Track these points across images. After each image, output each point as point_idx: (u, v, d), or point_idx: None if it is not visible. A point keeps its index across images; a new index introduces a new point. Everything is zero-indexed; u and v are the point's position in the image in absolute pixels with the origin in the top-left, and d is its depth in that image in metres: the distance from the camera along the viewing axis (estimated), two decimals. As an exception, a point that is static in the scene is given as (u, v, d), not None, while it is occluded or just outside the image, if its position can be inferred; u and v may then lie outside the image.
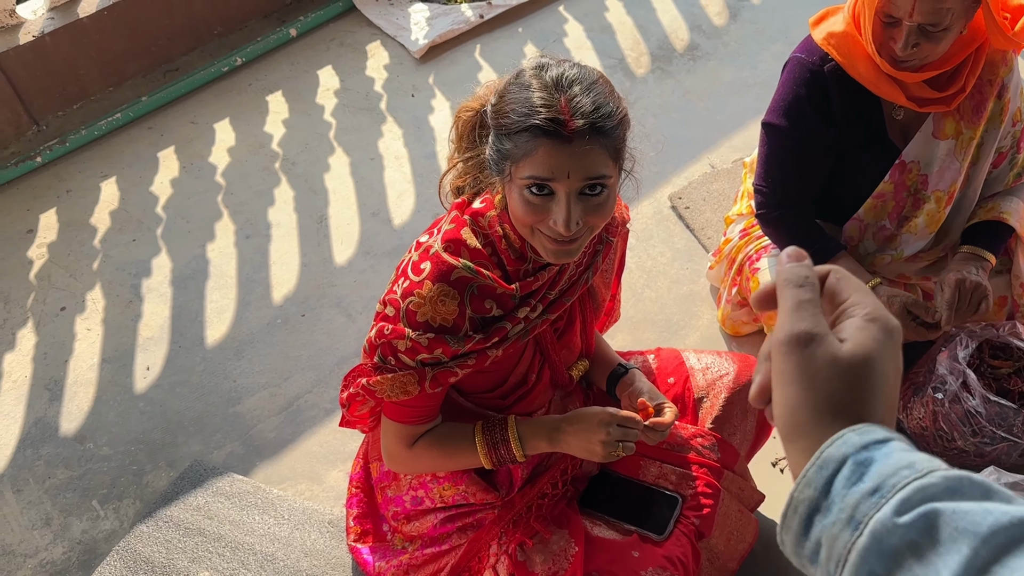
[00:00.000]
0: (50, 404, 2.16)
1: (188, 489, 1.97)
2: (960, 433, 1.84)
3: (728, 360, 1.74)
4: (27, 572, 1.87)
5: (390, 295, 1.37)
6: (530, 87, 1.21)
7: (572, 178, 1.20)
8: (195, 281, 2.42)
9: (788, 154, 1.86)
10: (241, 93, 2.95)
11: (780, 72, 1.91)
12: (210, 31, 3.08)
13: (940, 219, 1.87)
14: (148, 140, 2.80)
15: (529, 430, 1.45)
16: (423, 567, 1.64)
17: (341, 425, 1.65)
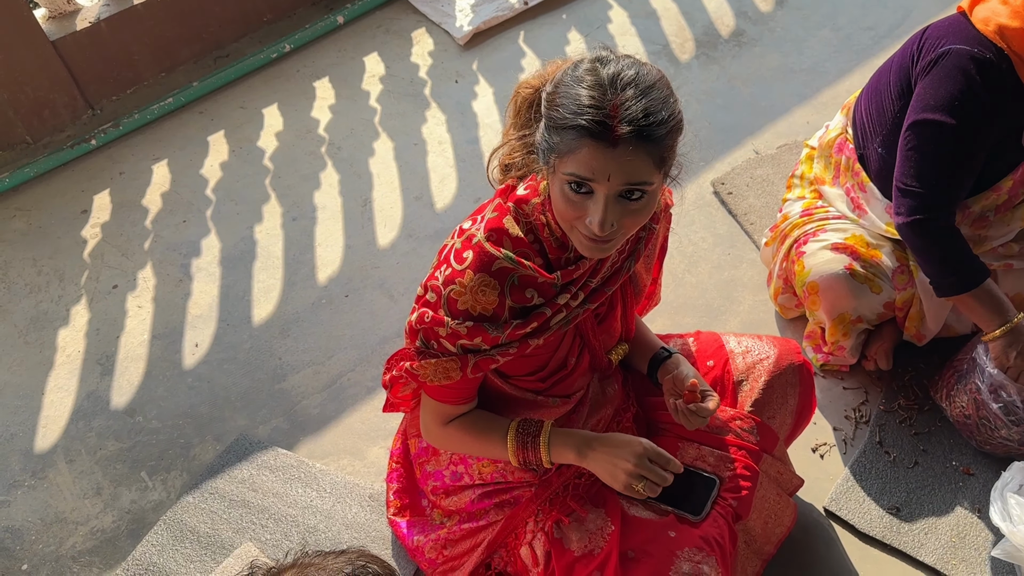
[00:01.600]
0: (102, 378, 2.20)
1: (234, 462, 2.00)
2: (1003, 423, 1.81)
3: (768, 344, 1.72)
4: (78, 539, 1.92)
5: (432, 280, 1.37)
6: (583, 83, 1.18)
7: (612, 181, 1.18)
8: (243, 261, 2.44)
9: (951, 154, 1.71)
10: (289, 79, 2.97)
11: (909, 57, 1.79)
12: (260, 18, 3.11)
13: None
14: (199, 124, 2.84)
15: (560, 439, 1.44)
16: (460, 542, 1.65)
17: (385, 410, 1.67)
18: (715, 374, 1.69)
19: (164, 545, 1.85)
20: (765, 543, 1.72)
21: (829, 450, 2.00)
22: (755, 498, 1.62)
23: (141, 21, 2.83)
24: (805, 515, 1.88)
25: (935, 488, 1.92)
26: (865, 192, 1.96)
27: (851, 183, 2.00)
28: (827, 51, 2.97)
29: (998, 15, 1.65)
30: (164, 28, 2.89)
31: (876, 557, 1.83)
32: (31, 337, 2.29)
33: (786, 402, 1.70)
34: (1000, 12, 1.65)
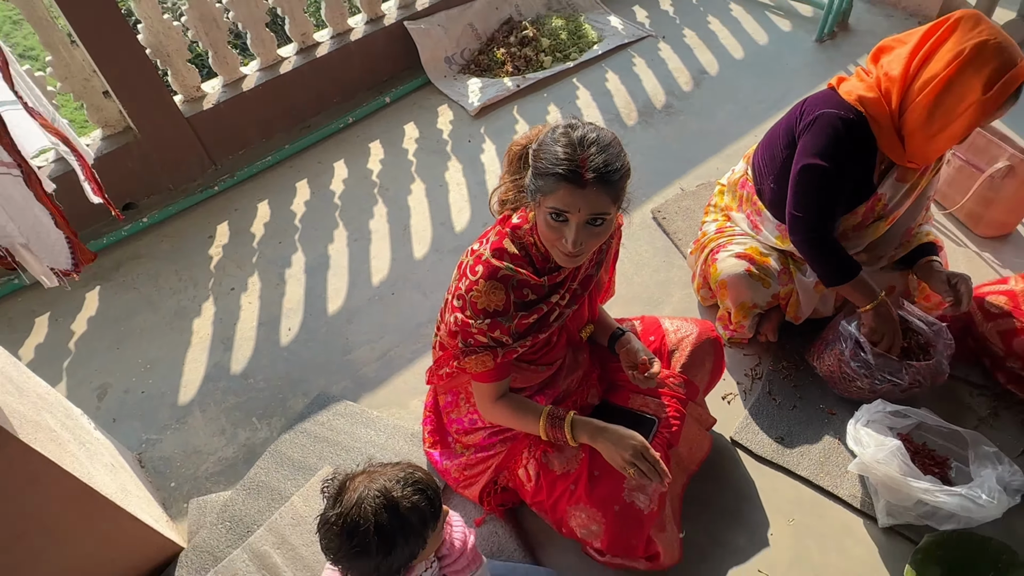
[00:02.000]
0: (224, 353, 2.22)
1: (316, 411, 2.01)
2: (857, 376, 1.83)
3: (692, 324, 1.74)
4: (209, 465, 1.94)
5: (458, 291, 1.38)
6: (559, 143, 1.21)
7: (582, 212, 1.21)
8: (320, 271, 2.45)
9: (826, 188, 1.69)
10: (351, 142, 2.99)
11: (793, 120, 1.79)
12: (331, 100, 3.13)
13: (880, 233, 1.85)
14: (289, 175, 2.85)
15: (579, 426, 1.43)
16: (476, 466, 1.68)
17: (428, 383, 1.66)
18: (655, 346, 1.71)
19: (269, 469, 1.88)
20: (690, 463, 1.74)
21: (734, 398, 2.02)
22: (683, 432, 1.65)
23: (248, 103, 2.85)
24: (718, 443, 1.90)
25: (808, 424, 1.93)
26: (760, 216, 1.97)
27: (750, 210, 2.01)
28: (731, 118, 2.99)
29: (857, 88, 1.68)
30: (265, 108, 2.92)
31: (767, 472, 1.85)
32: (175, 325, 2.31)
33: (704, 364, 1.73)
34: (859, 86, 1.68)
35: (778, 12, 3.59)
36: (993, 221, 2.38)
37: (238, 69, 2.87)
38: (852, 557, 1.69)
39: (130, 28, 2.43)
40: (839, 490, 1.79)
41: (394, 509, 1.10)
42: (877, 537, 1.71)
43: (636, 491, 1.48)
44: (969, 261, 2.34)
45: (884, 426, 1.71)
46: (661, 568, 1.57)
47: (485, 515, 1.73)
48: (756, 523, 1.75)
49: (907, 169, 1.74)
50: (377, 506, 1.10)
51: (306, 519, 1.74)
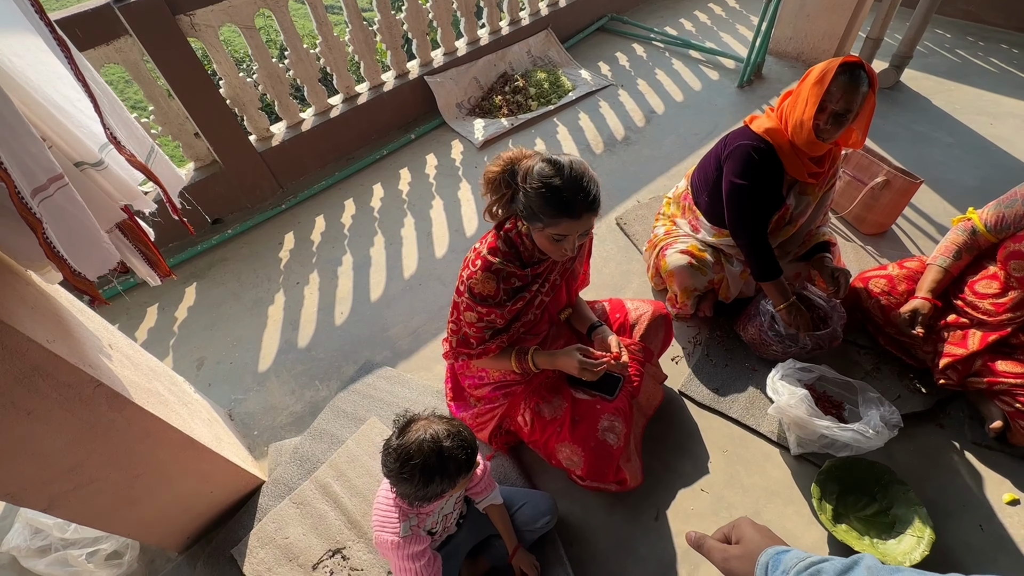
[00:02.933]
0: (292, 332, 2.18)
1: (364, 375, 1.99)
2: (773, 342, 1.81)
3: (647, 304, 1.72)
4: (283, 418, 1.91)
5: (461, 278, 1.36)
6: (554, 183, 1.16)
7: (576, 232, 1.20)
8: (364, 268, 2.42)
9: (750, 200, 1.69)
10: (386, 170, 2.93)
11: (719, 151, 1.77)
12: (370, 137, 3.07)
13: (789, 234, 1.83)
14: (339, 195, 2.80)
15: (539, 355, 1.42)
16: (485, 415, 1.66)
17: (444, 357, 1.59)
18: (620, 321, 1.69)
19: (330, 420, 1.86)
20: (648, 409, 1.73)
21: (681, 359, 2.00)
22: (642, 386, 1.64)
23: (306, 141, 2.79)
24: (669, 394, 1.88)
25: (737, 378, 1.92)
26: (698, 221, 1.95)
27: (691, 216, 2.00)
28: (674, 146, 2.95)
29: (764, 123, 1.67)
30: (319, 144, 2.86)
31: (706, 415, 1.84)
32: (254, 311, 2.27)
33: (657, 334, 1.71)
34: (766, 121, 1.67)
35: (708, 65, 3.55)
36: (874, 222, 2.36)
37: (298, 115, 2.81)
38: (772, 478, 1.68)
39: (214, 84, 2.38)
40: (761, 428, 1.78)
41: (439, 454, 1.11)
42: (790, 463, 1.71)
43: (607, 431, 1.47)
44: (856, 253, 2.32)
45: (794, 379, 1.70)
46: (627, 489, 1.57)
47: (494, 452, 1.71)
48: (699, 454, 1.74)
49: (807, 184, 1.72)
50: (428, 449, 1.10)
51: (358, 458, 1.72)
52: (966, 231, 1.67)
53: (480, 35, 3.43)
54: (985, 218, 1.61)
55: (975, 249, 1.64)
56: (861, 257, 2.31)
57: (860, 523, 1.54)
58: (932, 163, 2.69)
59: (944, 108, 3.07)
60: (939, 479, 1.63)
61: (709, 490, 1.66)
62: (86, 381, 1.09)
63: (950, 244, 1.68)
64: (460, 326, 1.42)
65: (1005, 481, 1.62)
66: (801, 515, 1.60)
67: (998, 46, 3.68)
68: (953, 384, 1.69)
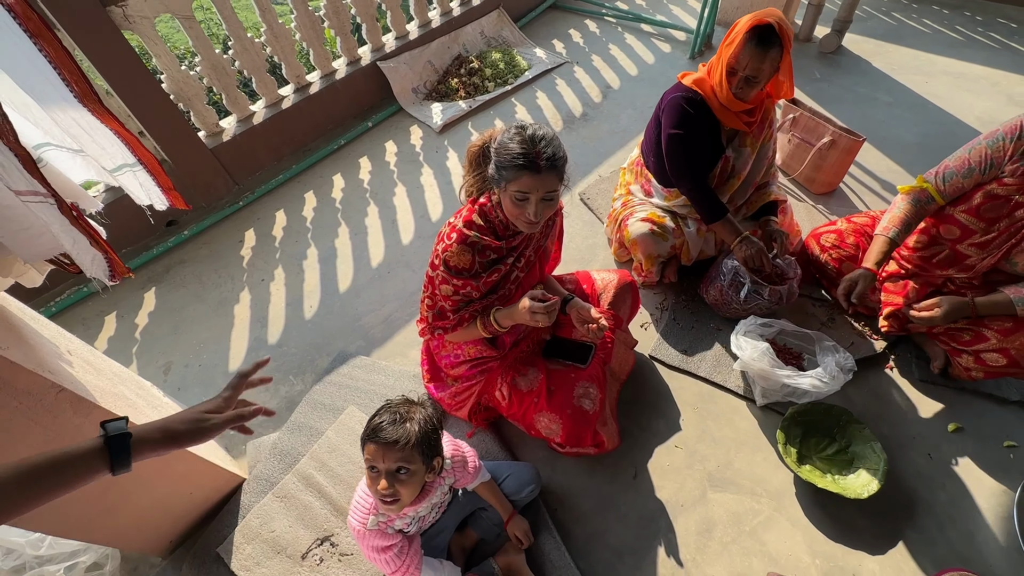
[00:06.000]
0: (261, 329, 2.14)
1: (338, 365, 1.98)
2: (735, 300, 1.88)
3: (613, 273, 1.76)
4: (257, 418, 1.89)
5: (436, 252, 1.37)
6: (514, 140, 1.20)
7: (539, 192, 1.21)
8: (330, 260, 2.39)
9: (690, 149, 1.74)
10: (345, 159, 2.88)
11: (658, 111, 1.82)
12: (326, 127, 3.00)
13: (734, 188, 1.88)
14: (298, 188, 2.74)
15: (499, 314, 1.41)
16: (463, 393, 1.67)
17: (421, 334, 1.59)
18: (588, 291, 1.72)
19: (306, 412, 1.84)
20: (620, 374, 1.79)
21: (649, 325, 2.05)
22: (614, 352, 1.69)
23: (259, 134, 2.71)
24: (640, 359, 1.94)
25: (703, 339, 1.98)
26: (650, 183, 2.02)
27: (644, 181, 2.05)
28: (631, 120, 2.98)
29: (693, 75, 1.74)
30: (272, 137, 2.78)
31: (677, 377, 1.90)
32: (220, 312, 2.22)
33: (625, 302, 1.75)
34: (694, 74, 1.74)
35: (660, 38, 3.59)
36: (823, 182, 2.46)
37: (248, 108, 2.72)
38: (740, 429, 1.76)
39: (155, 79, 2.27)
40: (728, 383, 1.85)
41: (408, 413, 1.15)
42: (756, 413, 1.79)
43: (583, 398, 1.51)
44: (808, 212, 2.41)
45: (756, 335, 1.78)
46: (606, 451, 1.62)
47: (475, 429, 1.74)
48: (671, 413, 1.80)
49: (744, 134, 1.77)
50: (402, 404, 1.17)
51: (339, 447, 1.72)
52: (918, 201, 1.65)
53: (431, 17, 3.37)
54: (941, 188, 1.61)
55: (922, 217, 1.67)
56: (813, 216, 2.40)
57: (822, 462, 1.64)
58: (874, 122, 2.82)
59: (883, 69, 3.21)
60: (891, 416, 1.74)
61: (683, 446, 1.73)
62: (47, 387, 1.05)
63: (901, 216, 1.66)
64: (436, 300, 1.43)
65: (950, 412, 1.75)
66: (768, 461, 1.69)
67: (930, 7, 3.85)
68: (895, 330, 1.79)
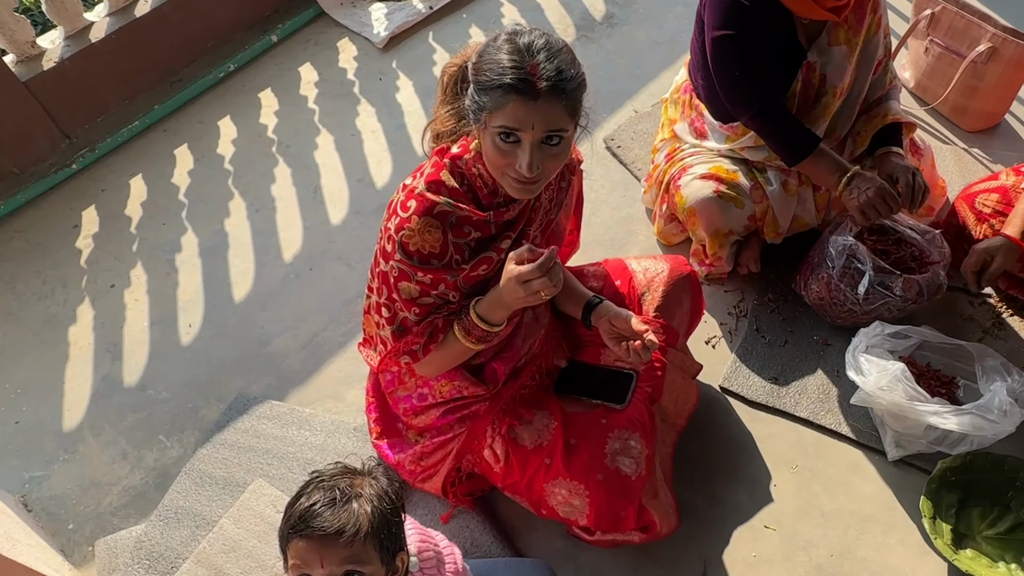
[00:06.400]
0: (113, 363, 2.14)
1: (236, 416, 1.98)
2: (850, 297, 1.89)
3: (662, 261, 1.76)
4: (113, 497, 1.89)
5: (386, 231, 1.37)
6: (503, 50, 1.19)
7: (536, 129, 1.20)
8: (218, 251, 2.39)
9: (748, 56, 1.77)
10: (237, 94, 2.88)
11: (700, 7, 1.86)
12: (204, 44, 2.99)
13: (832, 110, 1.90)
14: (164, 141, 2.74)
15: (480, 307, 1.38)
16: (433, 453, 1.67)
17: (380, 367, 1.60)
18: (623, 290, 1.72)
19: (188, 491, 1.84)
20: (677, 418, 1.78)
21: (719, 340, 2.08)
22: (665, 384, 1.68)
23: (100, 57, 2.69)
24: (706, 393, 1.95)
25: (803, 359, 2.01)
26: (703, 118, 2.04)
27: (693, 114, 2.08)
28: (681, 24, 2.99)
29: None
30: (122, 61, 2.76)
31: (763, 418, 1.92)
32: (45, 337, 2.21)
33: (681, 305, 1.75)
34: None
35: None
36: (979, 112, 2.48)
37: (81, 16, 2.70)
38: (863, 497, 1.77)
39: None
40: (842, 427, 1.87)
41: (351, 493, 1.15)
42: (887, 472, 1.81)
43: (620, 454, 1.51)
44: (958, 159, 2.44)
45: (884, 350, 1.79)
46: (658, 538, 1.61)
47: (452, 509, 1.73)
48: (756, 475, 1.81)
49: (834, 27, 1.80)
50: (344, 482, 1.16)
51: (241, 544, 1.71)
52: None
53: None
54: None
55: None
56: (964, 164, 2.43)
57: (992, 544, 1.66)
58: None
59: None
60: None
61: (776, 525, 1.74)
62: None
63: None
64: (395, 309, 1.42)
65: None
66: (909, 544, 1.71)
67: None
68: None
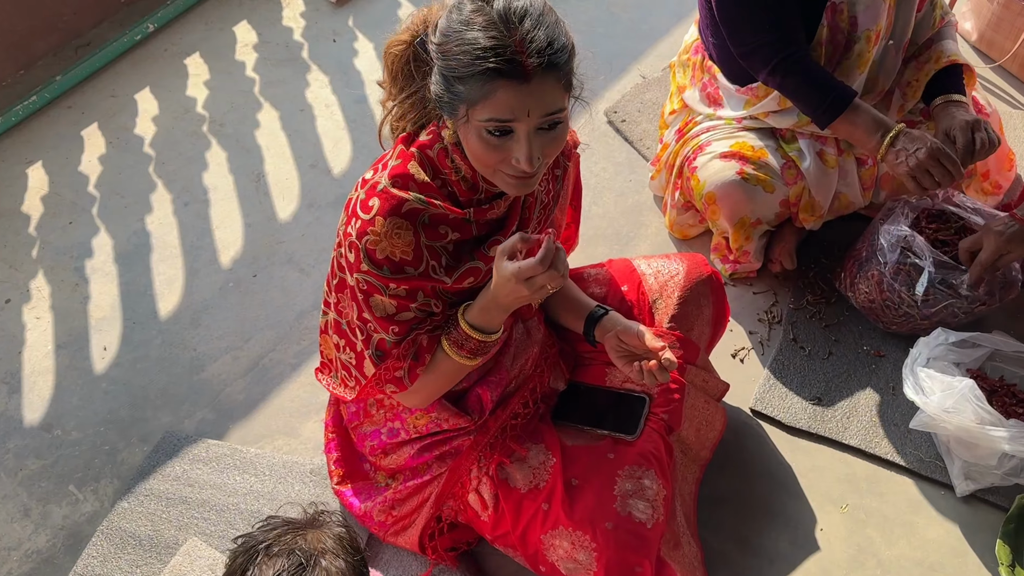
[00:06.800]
0: (10, 397, 2.10)
1: (164, 460, 1.95)
2: (905, 300, 1.89)
3: (676, 260, 1.76)
4: (13, 565, 1.84)
5: (346, 237, 1.35)
6: (475, 24, 1.15)
7: (532, 116, 1.18)
8: (139, 256, 2.36)
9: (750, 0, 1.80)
10: (158, 60, 2.86)
11: None
12: (117, 1, 2.95)
13: (868, 59, 1.89)
14: (69, 119, 2.70)
15: (475, 314, 1.38)
16: (407, 500, 1.65)
17: (358, 397, 1.58)
18: (631, 297, 1.71)
19: (106, 555, 1.80)
20: (700, 449, 1.78)
21: (748, 353, 2.07)
22: (685, 408, 1.67)
23: (-17, 16, 2.66)
24: (734, 418, 1.94)
25: (851, 374, 2.00)
26: (716, 81, 2.06)
27: (706, 78, 2.09)
28: (698, -33, 2.99)
29: None
30: (13, 22, 2.72)
31: (805, 447, 1.91)
32: (-77, 366, 2.18)
33: (701, 313, 1.75)
34: None
35: None
36: (1055, 70, 2.49)
37: (-38, -33, 2.67)
38: (927, 542, 1.77)
39: None
40: (901, 457, 1.86)
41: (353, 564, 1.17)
42: (956, 510, 1.80)
43: (633, 497, 1.50)
44: (1030, 127, 2.45)
45: (949, 363, 1.78)
46: (680, 597, 1.61)
47: (431, 568, 1.72)
48: (799, 518, 1.80)
49: None
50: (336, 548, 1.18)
51: (173, 616, 1.69)
52: None
53: None
54: None
55: None
56: (1039, 134, 2.44)
57: (1081, 596, 1.65)
58: None
59: None
60: None
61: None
62: None
63: None
64: (369, 331, 1.41)
65: None
66: (983, 597, 1.71)
67: None
68: None
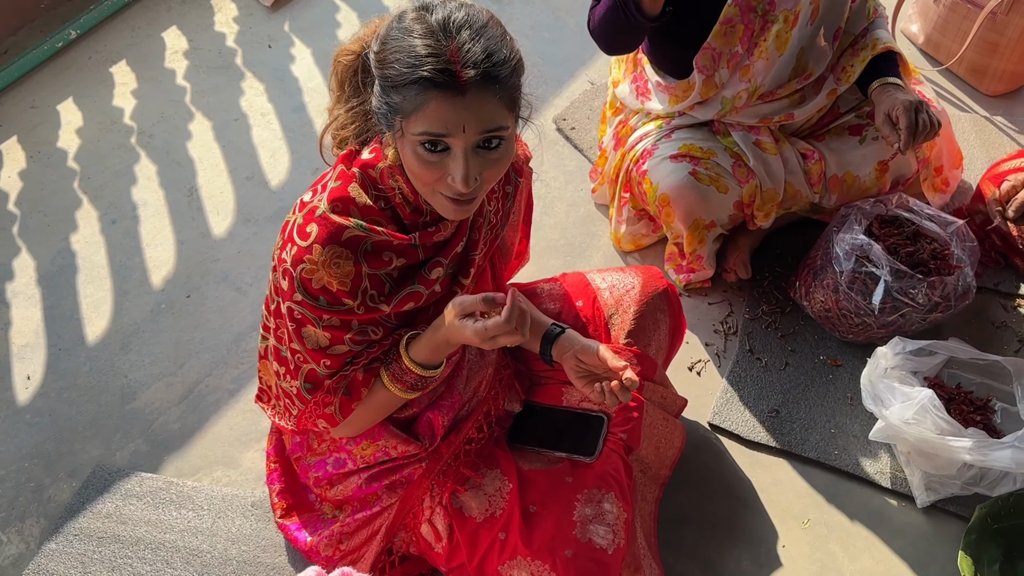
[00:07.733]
0: (-76, 432, 2.02)
1: (95, 497, 1.89)
2: (861, 309, 1.90)
3: (631, 274, 1.76)
4: (-70, 615, 1.78)
5: (280, 263, 1.33)
6: (413, 32, 1.15)
7: (468, 132, 1.17)
8: (64, 277, 2.30)
9: None
10: (81, 68, 2.80)
11: None
12: (36, 5, 2.89)
13: (787, 39, 1.89)
14: (-16, 132, 2.64)
15: (417, 348, 1.38)
16: (356, 533, 1.64)
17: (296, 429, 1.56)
18: (586, 313, 1.71)
19: (32, 603, 1.74)
20: (660, 468, 1.78)
21: (705, 366, 2.08)
22: (643, 427, 1.68)
23: None
24: (693, 433, 1.94)
25: (808, 385, 2.01)
26: (644, 73, 2.10)
27: (637, 71, 2.13)
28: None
29: None
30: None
31: (764, 461, 1.92)
32: None
33: (658, 327, 1.75)
34: None
35: None
36: (1001, 72, 2.55)
37: None
38: (890, 555, 1.78)
39: None
40: (861, 469, 1.87)
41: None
42: (917, 522, 1.82)
43: (593, 522, 1.50)
44: (979, 129, 2.51)
45: (907, 372, 1.80)
46: (643, 623, 1.60)
47: (382, 604, 1.70)
48: (760, 534, 1.81)
49: None
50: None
51: (106, 666, 1.63)
52: None
53: None
54: None
55: None
56: (986, 135, 2.48)
57: (1043, 604, 1.68)
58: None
59: None
60: None
61: (787, 596, 1.75)
62: None
63: None
64: (298, 361, 1.40)
65: None
66: (946, 608, 1.74)
67: None
68: None
